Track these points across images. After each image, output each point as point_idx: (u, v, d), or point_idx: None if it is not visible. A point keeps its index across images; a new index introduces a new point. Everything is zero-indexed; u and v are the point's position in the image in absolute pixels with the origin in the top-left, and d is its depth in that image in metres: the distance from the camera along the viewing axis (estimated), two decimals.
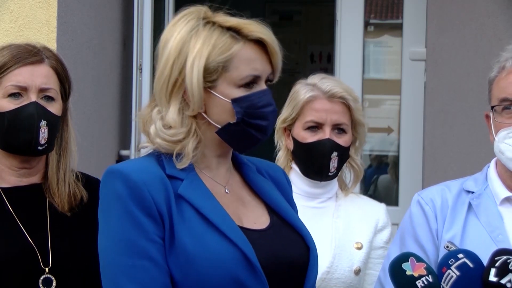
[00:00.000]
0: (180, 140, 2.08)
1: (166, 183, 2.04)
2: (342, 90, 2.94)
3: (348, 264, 2.89)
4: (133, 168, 2.05)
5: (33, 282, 2.48)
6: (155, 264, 1.99)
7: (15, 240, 2.51)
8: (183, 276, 1.99)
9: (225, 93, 2.08)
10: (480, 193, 2.59)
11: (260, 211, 2.19)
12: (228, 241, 2.01)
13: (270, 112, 2.11)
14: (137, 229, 2.00)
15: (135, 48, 4.65)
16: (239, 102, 2.08)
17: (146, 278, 1.98)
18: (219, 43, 2.07)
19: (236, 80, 2.08)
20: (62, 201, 2.58)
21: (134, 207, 2.00)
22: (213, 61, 2.06)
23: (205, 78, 2.07)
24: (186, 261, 1.99)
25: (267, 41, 2.09)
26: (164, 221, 2.02)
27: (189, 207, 2.04)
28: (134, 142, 4.65)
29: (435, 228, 2.56)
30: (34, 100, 2.53)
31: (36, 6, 3.95)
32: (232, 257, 1.99)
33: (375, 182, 5.88)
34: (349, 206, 3.02)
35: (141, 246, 1.99)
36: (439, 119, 4.87)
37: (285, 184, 2.32)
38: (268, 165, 2.32)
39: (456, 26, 4.83)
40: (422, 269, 2.22)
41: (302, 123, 2.95)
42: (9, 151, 2.56)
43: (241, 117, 2.08)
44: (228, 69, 2.07)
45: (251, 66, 2.09)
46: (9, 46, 2.60)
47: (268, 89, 2.11)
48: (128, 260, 1.99)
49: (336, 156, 2.92)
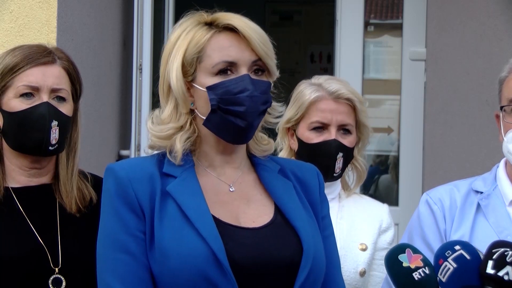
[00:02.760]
0: (170, 136, 2.15)
1: (155, 180, 2.11)
2: (348, 92, 2.94)
3: (353, 265, 2.89)
4: (124, 166, 2.14)
5: (43, 282, 2.48)
6: (134, 258, 2.06)
7: (26, 240, 2.51)
8: (160, 270, 2.05)
9: (202, 82, 2.14)
10: (489, 193, 2.57)
11: (265, 210, 2.19)
12: (200, 238, 2.04)
13: (246, 97, 2.11)
14: (119, 224, 2.08)
15: (135, 48, 4.66)
16: (213, 90, 2.12)
17: (124, 271, 2.06)
18: (194, 37, 2.14)
19: (209, 68, 2.13)
20: (71, 202, 2.59)
21: (118, 203, 2.09)
22: (189, 54, 2.13)
23: (186, 73, 2.14)
24: (161, 255, 2.04)
25: (238, 28, 2.13)
26: (145, 216, 2.08)
27: (173, 204, 2.09)
28: (134, 142, 4.65)
29: (443, 228, 2.55)
30: (46, 100, 2.54)
31: (36, 6, 3.95)
32: (201, 254, 2.02)
33: (375, 182, 5.88)
34: (352, 206, 3.02)
35: (122, 240, 2.07)
36: (439, 119, 4.87)
37: (312, 185, 2.30)
38: (297, 166, 2.33)
39: (456, 26, 4.83)
40: (418, 261, 2.21)
41: (307, 124, 2.95)
42: (20, 151, 2.57)
43: (216, 104, 2.11)
44: (201, 59, 2.13)
45: (223, 52, 2.12)
46: (21, 46, 2.61)
47: (246, 75, 2.12)
48: (111, 254, 2.08)
49: (341, 156, 2.92)
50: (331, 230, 2.31)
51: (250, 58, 2.14)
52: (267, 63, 2.16)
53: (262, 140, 2.27)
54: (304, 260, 2.11)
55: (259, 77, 2.16)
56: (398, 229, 4.89)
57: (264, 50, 2.14)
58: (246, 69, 2.13)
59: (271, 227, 2.15)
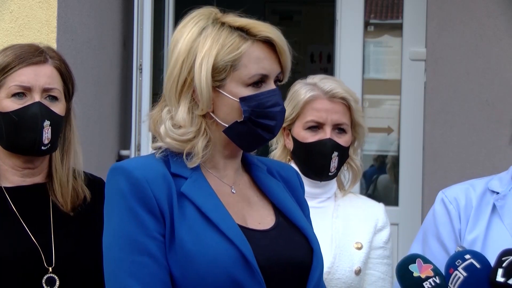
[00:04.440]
0: (190, 140, 2.10)
1: (169, 180, 2.06)
2: (343, 91, 2.95)
3: (348, 264, 2.89)
4: (136, 165, 2.08)
5: (36, 281, 2.47)
6: (155, 260, 2.01)
7: (19, 240, 2.50)
8: (182, 273, 2.01)
9: (233, 92, 2.10)
10: (505, 194, 2.51)
11: (266, 211, 2.19)
12: (226, 240, 2.01)
13: (278, 112, 2.12)
14: (137, 225, 2.02)
15: (135, 48, 4.65)
16: (247, 101, 2.09)
17: (145, 274, 2.00)
18: (227, 42, 2.09)
19: (245, 78, 2.09)
20: (65, 201, 2.58)
21: (135, 204, 2.02)
22: (222, 60, 2.08)
23: (214, 77, 2.09)
24: (184, 258, 2.00)
25: (276, 41, 2.11)
26: (165, 218, 2.03)
27: (190, 205, 2.05)
28: (134, 142, 4.65)
29: (458, 228, 2.52)
30: (38, 100, 2.53)
31: (36, 6, 3.95)
32: (230, 256, 2.00)
33: (374, 182, 5.88)
34: (348, 206, 3.02)
35: (141, 242, 2.01)
36: (439, 119, 4.88)
37: (296, 185, 2.31)
38: (280, 166, 2.33)
39: (456, 26, 4.83)
40: (429, 271, 2.21)
41: (302, 123, 2.95)
42: (12, 151, 2.56)
43: (248, 116, 2.09)
44: (236, 68, 2.09)
45: (259, 65, 2.10)
46: (13, 46, 2.60)
47: (277, 89, 2.13)
48: (129, 256, 2.01)
49: (337, 156, 2.92)
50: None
51: (277, 71, 2.14)
52: (286, 76, 2.18)
53: None
54: (315, 260, 2.12)
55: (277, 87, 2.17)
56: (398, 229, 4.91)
57: (289, 64, 2.15)
58: (273, 82, 2.14)
59: (278, 229, 2.15)
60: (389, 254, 3.01)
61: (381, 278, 2.96)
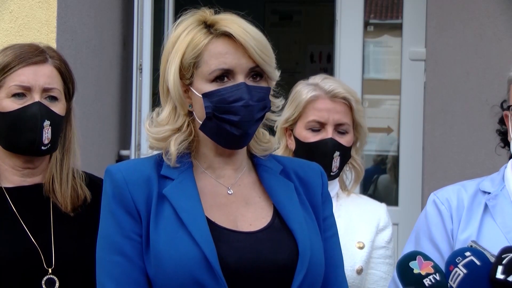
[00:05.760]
0: (166, 138, 2.14)
1: (151, 182, 2.10)
2: (344, 91, 2.96)
3: (350, 263, 2.89)
4: (121, 168, 2.13)
5: (36, 282, 2.48)
6: (129, 260, 2.07)
7: (19, 240, 2.50)
8: (155, 273, 2.05)
9: (199, 88, 2.12)
10: (496, 194, 2.54)
11: (264, 212, 2.17)
12: (193, 241, 2.04)
13: (241, 106, 2.09)
14: (115, 226, 2.09)
15: (135, 48, 4.66)
16: (209, 97, 2.10)
17: (119, 273, 2.07)
18: (193, 40, 2.11)
19: (206, 74, 2.11)
20: (65, 201, 2.58)
21: (115, 205, 2.10)
22: (187, 58, 2.11)
23: (184, 76, 2.12)
24: (156, 259, 2.05)
25: (234, 35, 2.09)
26: (142, 219, 2.08)
27: (169, 207, 2.09)
28: (134, 142, 4.65)
29: (451, 229, 2.53)
30: (38, 100, 2.53)
31: (36, 6, 3.95)
32: (193, 257, 2.02)
33: (375, 182, 5.88)
34: (350, 205, 3.02)
35: (117, 242, 2.08)
36: (439, 119, 4.88)
37: (315, 185, 2.27)
38: (300, 165, 2.29)
39: (456, 26, 4.83)
40: (429, 268, 2.21)
41: (304, 123, 2.96)
42: (12, 151, 2.56)
43: (211, 111, 2.10)
44: (199, 64, 2.11)
45: (220, 60, 2.10)
46: (13, 46, 2.61)
47: (243, 84, 2.10)
48: (107, 256, 2.09)
49: (338, 155, 2.93)
50: (335, 231, 2.29)
51: (247, 65, 2.11)
52: (265, 70, 2.13)
53: (263, 138, 2.24)
54: (300, 263, 2.10)
55: (257, 82, 2.13)
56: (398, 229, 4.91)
57: (262, 57, 2.11)
58: (243, 76, 2.11)
59: (268, 231, 2.13)
60: (391, 254, 3.02)
61: (383, 278, 2.96)
